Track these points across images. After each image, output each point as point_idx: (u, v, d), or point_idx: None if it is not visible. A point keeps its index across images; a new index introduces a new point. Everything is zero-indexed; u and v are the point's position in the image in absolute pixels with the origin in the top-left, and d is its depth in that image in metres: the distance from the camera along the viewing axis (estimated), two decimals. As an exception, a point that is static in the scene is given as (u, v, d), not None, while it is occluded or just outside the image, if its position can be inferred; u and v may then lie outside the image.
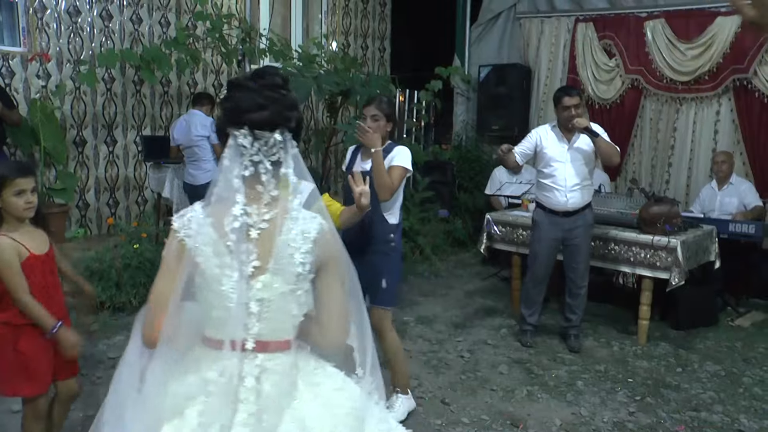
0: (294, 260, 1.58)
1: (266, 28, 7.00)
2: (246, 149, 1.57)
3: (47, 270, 2.66)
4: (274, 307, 1.60)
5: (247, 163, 1.57)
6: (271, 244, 1.58)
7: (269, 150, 1.58)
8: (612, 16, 7.25)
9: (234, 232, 1.56)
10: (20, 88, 5.88)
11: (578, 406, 3.77)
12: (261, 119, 1.56)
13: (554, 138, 4.48)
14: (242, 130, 1.56)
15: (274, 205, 1.60)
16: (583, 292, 4.64)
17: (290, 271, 1.58)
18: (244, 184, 1.57)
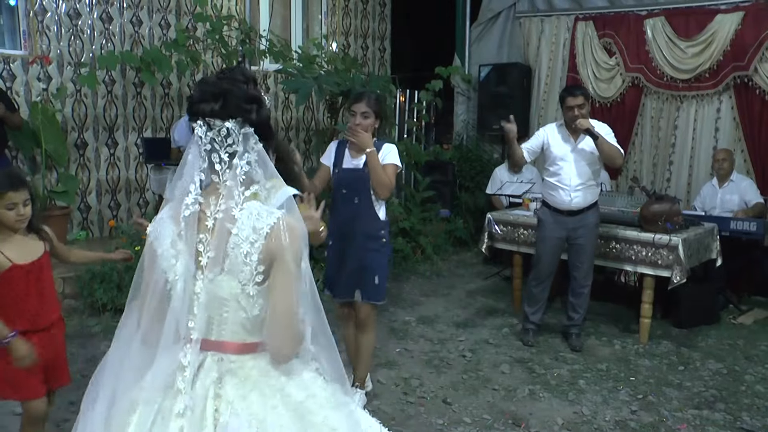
0: (246, 258, 1.55)
1: (266, 29, 7.00)
2: (201, 139, 1.58)
3: (32, 278, 2.66)
4: (232, 307, 1.59)
5: (203, 153, 1.58)
6: (226, 240, 1.56)
7: (223, 140, 1.57)
8: (612, 14, 7.24)
9: (185, 221, 1.57)
10: (21, 91, 5.89)
11: (580, 405, 3.77)
12: (211, 108, 1.57)
13: (560, 137, 4.49)
14: (198, 121, 1.58)
15: (228, 201, 1.58)
16: (586, 291, 4.64)
17: (242, 270, 1.56)
18: (202, 175, 1.59)
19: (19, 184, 2.56)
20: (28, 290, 2.65)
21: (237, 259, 1.55)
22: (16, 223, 2.57)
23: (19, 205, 2.55)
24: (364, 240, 3.47)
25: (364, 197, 3.47)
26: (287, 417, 1.57)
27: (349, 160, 3.53)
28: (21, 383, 2.67)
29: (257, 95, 1.64)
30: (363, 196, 3.47)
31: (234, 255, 1.55)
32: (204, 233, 1.58)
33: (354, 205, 3.47)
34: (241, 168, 1.58)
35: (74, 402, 3.62)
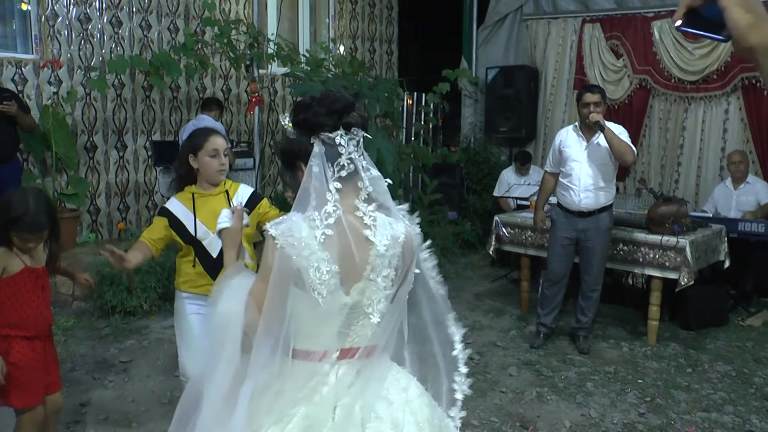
0: (390, 264, 1.60)
1: (274, 33, 7.04)
2: (343, 148, 1.57)
3: (39, 283, 2.74)
4: (371, 312, 1.61)
5: (345, 162, 1.57)
6: (365, 248, 1.58)
7: (358, 149, 1.60)
8: (619, 16, 7.25)
9: (329, 228, 1.54)
10: (32, 95, 5.95)
11: (588, 408, 3.77)
12: (359, 117, 1.61)
13: (574, 137, 4.50)
14: (337, 131, 1.58)
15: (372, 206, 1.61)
16: (595, 295, 4.63)
17: (384, 275, 1.60)
18: (337, 184, 1.57)
19: (38, 229, 2.62)
20: (34, 294, 2.71)
21: (378, 266, 1.59)
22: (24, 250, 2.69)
23: (31, 243, 2.65)
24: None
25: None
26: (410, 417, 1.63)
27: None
28: (28, 389, 2.70)
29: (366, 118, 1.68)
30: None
31: (376, 263, 1.58)
32: (351, 243, 1.57)
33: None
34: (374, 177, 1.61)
35: (84, 404, 3.66)
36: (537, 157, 7.62)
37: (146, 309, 5.10)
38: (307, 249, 1.52)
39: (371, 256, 1.58)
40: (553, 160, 4.65)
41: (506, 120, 7.82)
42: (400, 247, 1.62)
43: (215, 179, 2.85)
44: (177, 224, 2.80)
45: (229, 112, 7.35)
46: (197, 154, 2.82)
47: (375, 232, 1.58)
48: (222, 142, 2.86)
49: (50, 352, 2.87)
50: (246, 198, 2.93)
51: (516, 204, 6.51)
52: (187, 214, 2.80)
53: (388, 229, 1.61)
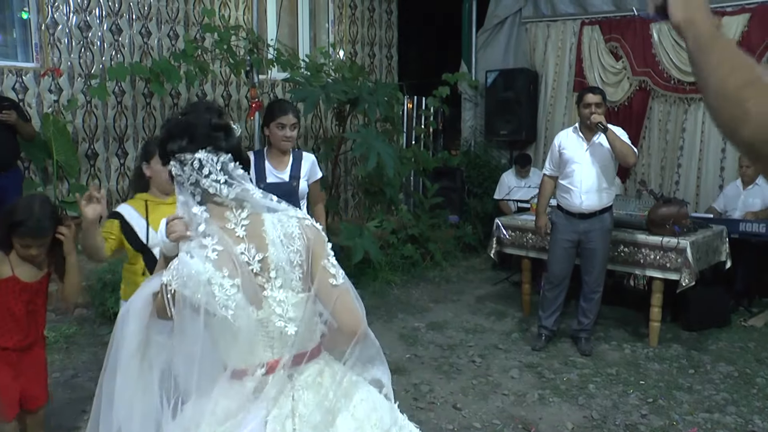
0: (293, 264, 1.59)
1: (273, 39, 7.05)
2: (180, 177, 1.60)
3: (24, 297, 2.66)
4: (292, 319, 1.60)
5: (190, 189, 1.59)
6: (262, 258, 1.58)
7: (199, 172, 1.58)
8: (618, 18, 7.25)
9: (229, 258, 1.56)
10: (33, 103, 5.96)
11: (590, 410, 3.77)
12: (179, 145, 1.59)
13: (574, 139, 4.51)
14: (171, 162, 1.60)
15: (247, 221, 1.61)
16: (597, 297, 4.63)
17: (291, 277, 1.59)
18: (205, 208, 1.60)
19: (41, 234, 2.57)
20: (16, 306, 2.64)
21: (282, 270, 1.58)
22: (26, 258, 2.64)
23: (33, 249, 2.59)
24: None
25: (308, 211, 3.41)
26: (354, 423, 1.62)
27: (272, 172, 3.45)
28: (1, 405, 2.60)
29: (224, 123, 1.66)
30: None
31: (279, 268, 1.58)
32: (242, 243, 1.58)
33: None
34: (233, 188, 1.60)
35: (86, 411, 3.66)
36: (537, 160, 7.62)
37: (148, 315, 5.11)
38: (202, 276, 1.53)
39: (270, 263, 1.58)
40: (553, 162, 4.65)
41: (506, 123, 7.83)
42: (298, 242, 1.61)
43: (166, 189, 2.76)
44: (128, 230, 2.74)
45: (229, 118, 7.33)
46: (150, 161, 2.76)
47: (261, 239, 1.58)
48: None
49: (32, 365, 2.75)
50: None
51: (516, 207, 6.51)
52: (139, 221, 2.74)
53: (277, 228, 1.60)
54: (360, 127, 6.57)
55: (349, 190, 8.37)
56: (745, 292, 5.63)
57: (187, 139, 1.58)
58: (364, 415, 1.64)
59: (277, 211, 1.63)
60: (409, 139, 8.62)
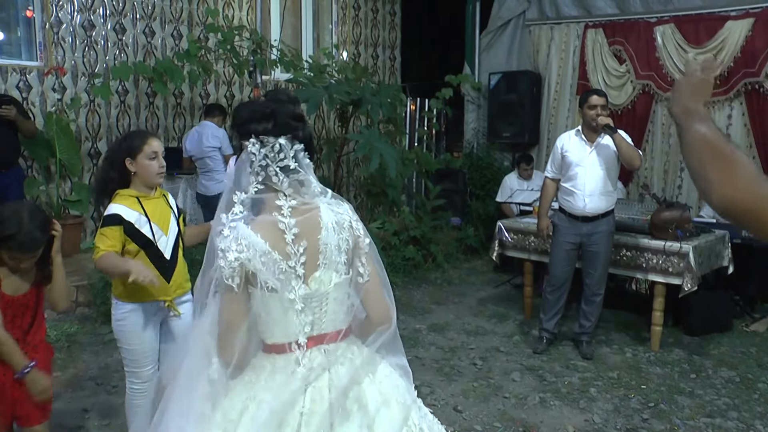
0: (340, 249, 1.71)
1: (277, 39, 7.07)
2: (255, 156, 1.68)
3: (9, 313, 2.47)
4: (332, 298, 1.72)
5: (257, 169, 1.67)
6: (313, 239, 1.69)
7: (276, 155, 1.67)
8: (622, 21, 7.25)
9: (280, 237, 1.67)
10: (37, 102, 5.98)
11: (591, 413, 3.76)
12: (264, 127, 1.68)
13: (577, 141, 4.50)
14: (251, 139, 1.68)
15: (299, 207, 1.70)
16: (598, 299, 4.62)
17: (338, 261, 1.71)
18: (255, 189, 1.69)
19: (31, 249, 2.42)
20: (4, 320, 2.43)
21: (331, 253, 1.70)
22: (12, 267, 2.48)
23: (22, 263, 2.45)
24: None
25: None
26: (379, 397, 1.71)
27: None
28: None
29: (302, 114, 1.76)
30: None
31: (328, 249, 1.70)
32: (288, 233, 1.67)
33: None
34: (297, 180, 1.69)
35: (87, 409, 3.67)
36: (540, 162, 7.61)
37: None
38: (253, 249, 1.63)
39: (320, 245, 1.70)
40: (555, 165, 4.64)
41: (509, 125, 7.83)
42: (347, 232, 1.74)
43: (155, 182, 2.82)
44: (131, 229, 2.73)
45: (232, 118, 7.36)
46: (135, 157, 2.75)
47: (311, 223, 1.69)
48: (160, 144, 2.83)
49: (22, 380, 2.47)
50: (174, 204, 2.97)
51: (519, 209, 6.51)
52: (140, 218, 2.75)
53: (331, 216, 1.72)
54: (363, 129, 6.57)
55: (351, 191, 8.37)
56: (748, 298, 5.62)
57: (273, 123, 1.68)
58: (389, 389, 1.74)
59: (331, 203, 1.76)
60: (412, 141, 8.63)
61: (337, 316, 1.75)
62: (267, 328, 1.72)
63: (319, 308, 1.71)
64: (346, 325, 1.78)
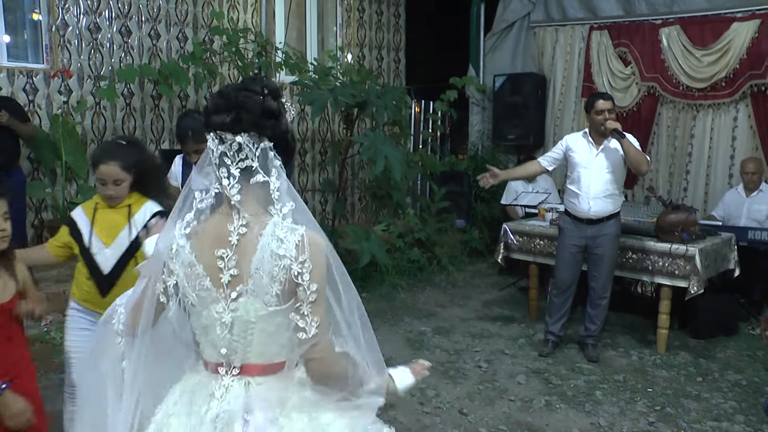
0: (273, 279, 1.48)
1: (282, 42, 7.07)
2: (212, 152, 1.50)
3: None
4: (258, 329, 1.52)
5: (214, 168, 1.50)
6: (246, 261, 1.49)
7: (234, 155, 1.49)
8: (627, 23, 7.24)
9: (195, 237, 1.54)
10: (43, 104, 5.99)
11: (597, 416, 3.75)
12: (222, 121, 1.48)
13: (584, 144, 4.49)
14: (210, 134, 1.51)
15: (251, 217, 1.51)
16: (604, 303, 4.61)
17: (269, 291, 1.49)
18: (214, 190, 1.54)
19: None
20: None
21: (262, 280, 1.48)
22: None
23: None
24: None
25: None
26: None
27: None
28: None
29: (274, 108, 1.54)
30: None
31: (258, 276, 1.48)
32: (225, 248, 1.50)
33: None
34: (258, 183, 1.50)
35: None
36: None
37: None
38: (185, 257, 1.53)
39: (252, 268, 1.49)
40: (551, 157, 4.64)
41: (514, 128, 7.82)
42: (289, 262, 1.47)
43: (105, 201, 2.76)
44: (76, 233, 2.74)
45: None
46: (93, 171, 2.75)
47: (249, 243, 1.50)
48: (112, 171, 2.65)
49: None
50: (147, 217, 2.79)
51: (524, 212, 6.50)
52: (86, 224, 2.74)
53: (272, 241, 1.48)
54: (368, 131, 6.57)
55: (356, 193, 8.36)
56: (754, 301, 5.59)
57: (234, 118, 1.48)
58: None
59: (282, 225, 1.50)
60: (417, 143, 8.62)
61: (268, 348, 1.54)
62: (199, 340, 1.61)
63: (243, 337, 1.53)
64: (283, 358, 1.56)
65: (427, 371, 1.83)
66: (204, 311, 1.54)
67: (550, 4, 7.87)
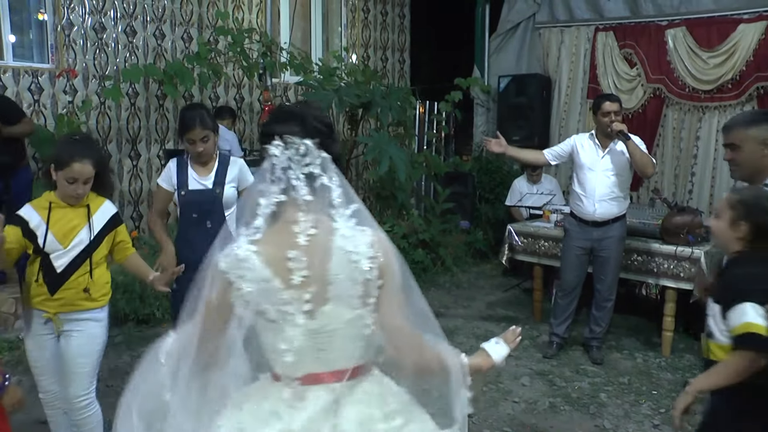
0: (354, 281, 1.51)
1: (287, 42, 7.08)
2: (276, 158, 1.51)
3: None
4: (341, 334, 1.54)
5: (279, 173, 1.51)
6: (323, 268, 1.50)
7: (300, 159, 1.51)
8: (633, 24, 7.22)
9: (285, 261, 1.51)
10: (48, 104, 6.00)
11: (601, 419, 3.74)
12: (290, 129, 1.53)
13: (591, 145, 4.48)
14: (274, 141, 1.52)
15: (317, 220, 1.53)
16: (609, 305, 4.60)
17: (352, 293, 1.52)
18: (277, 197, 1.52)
19: None
20: None
21: (344, 284, 1.51)
22: None
23: None
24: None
25: (217, 220, 3.18)
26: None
27: (195, 179, 3.27)
28: None
29: (333, 124, 1.65)
30: (216, 218, 3.18)
31: (339, 281, 1.50)
32: (295, 250, 1.50)
33: (207, 229, 3.15)
34: (327, 189, 1.52)
35: (97, 411, 3.66)
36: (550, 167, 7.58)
37: (159, 317, 5.11)
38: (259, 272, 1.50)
39: (330, 275, 1.50)
40: (559, 153, 4.62)
41: (519, 129, 7.79)
42: (366, 261, 1.51)
43: (67, 201, 2.70)
44: (30, 233, 2.65)
45: (241, 120, 7.38)
46: (57, 171, 2.63)
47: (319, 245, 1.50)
48: (86, 170, 2.62)
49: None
50: (106, 219, 2.80)
51: (529, 213, 6.48)
52: (41, 224, 2.66)
53: (347, 242, 1.51)
54: (372, 132, 6.57)
55: (360, 194, 8.36)
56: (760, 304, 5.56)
57: (299, 125, 1.54)
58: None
59: (355, 223, 1.55)
60: (421, 144, 8.61)
61: (349, 352, 1.57)
62: (271, 356, 1.58)
63: (328, 343, 1.54)
64: (364, 361, 1.60)
65: (519, 337, 1.86)
66: (285, 325, 1.52)
67: (555, 5, 7.86)
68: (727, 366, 2.08)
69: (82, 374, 2.80)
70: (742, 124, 2.49)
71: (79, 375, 2.80)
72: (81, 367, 2.80)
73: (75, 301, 2.75)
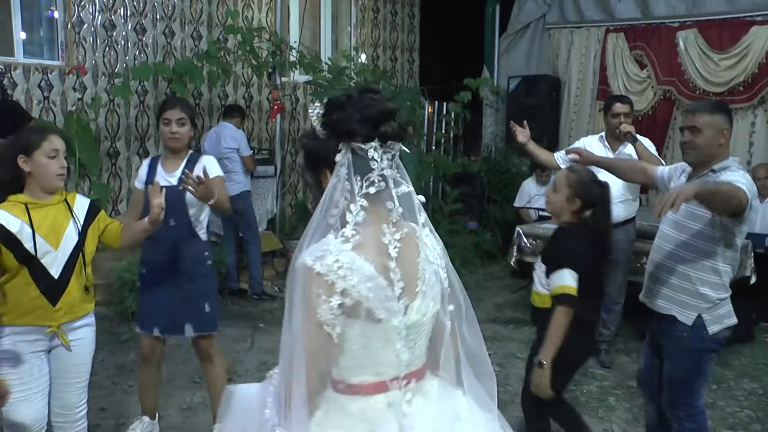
0: (437, 277, 1.51)
1: (296, 41, 7.07)
2: (376, 163, 1.41)
3: None
4: (425, 331, 1.52)
5: (376, 178, 1.41)
6: (413, 263, 1.47)
7: (391, 163, 1.44)
8: (643, 26, 7.18)
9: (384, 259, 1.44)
10: (57, 101, 6.02)
11: (610, 423, 3.71)
12: (391, 129, 1.42)
13: (600, 147, 4.44)
14: (371, 143, 1.40)
15: (400, 224, 1.48)
16: (618, 308, 4.57)
17: (437, 290, 1.52)
18: (369, 203, 1.43)
19: None
20: None
21: (429, 280, 1.49)
22: None
23: None
24: (191, 265, 3.10)
25: (180, 217, 3.05)
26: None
27: (162, 175, 3.11)
28: None
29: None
30: (179, 216, 3.05)
31: (426, 276, 1.48)
32: (389, 261, 1.43)
33: (171, 228, 3.00)
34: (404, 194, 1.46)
35: (105, 408, 3.67)
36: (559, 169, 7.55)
37: (166, 315, 5.11)
38: (359, 274, 1.39)
39: (419, 270, 1.48)
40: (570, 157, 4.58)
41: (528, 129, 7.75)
42: (442, 261, 1.54)
43: (53, 184, 2.47)
44: (11, 241, 2.37)
45: (250, 119, 7.38)
46: (31, 154, 2.39)
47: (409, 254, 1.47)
48: (62, 143, 2.48)
49: None
50: (86, 209, 2.62)
51: (537, 215, 6.45)
52: (23, 228, 2.39)
53: (431, 240, 1.53)
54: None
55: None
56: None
57: (397, 127, 1.42)
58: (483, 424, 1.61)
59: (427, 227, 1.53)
60: (430, 144, 8.59)
61: (423, 351, 1.55)
62: (357, 364, 1.46)
63: (414, 342, 1.49)
64: (427, 360, 1.58)
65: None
66: (391, 322, 1.44)
67: (565, 6, 7.83)
68: (555, 326, 2.63)
69: (80, 382, 2.65)
70: (708, 110, 2.71)
71: (78, 384, 2.64)
72: (81, 376, 2.65)
73: (75, 307, 2.55)
